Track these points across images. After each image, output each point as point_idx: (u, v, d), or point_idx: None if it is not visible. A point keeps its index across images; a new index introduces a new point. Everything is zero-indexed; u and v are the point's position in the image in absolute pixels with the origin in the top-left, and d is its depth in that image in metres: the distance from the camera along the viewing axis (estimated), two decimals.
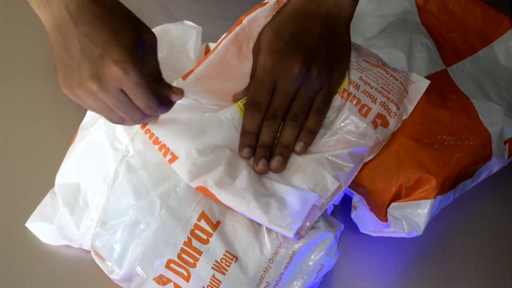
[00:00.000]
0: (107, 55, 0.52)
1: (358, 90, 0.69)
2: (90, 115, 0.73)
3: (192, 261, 0.64)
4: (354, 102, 0.68)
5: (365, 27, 0.78)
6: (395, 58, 0.76)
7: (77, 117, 0.74)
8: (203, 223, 0.64)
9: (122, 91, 0.54)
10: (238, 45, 0.72)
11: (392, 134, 0.70)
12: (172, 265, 0.64)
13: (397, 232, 0.70)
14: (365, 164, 0.70)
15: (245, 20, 0.72)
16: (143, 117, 0.58)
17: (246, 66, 0.71)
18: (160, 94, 0.57)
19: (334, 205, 0.74)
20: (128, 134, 0.67)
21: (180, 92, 0.59)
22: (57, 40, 0.54)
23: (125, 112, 0.57)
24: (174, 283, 0.64)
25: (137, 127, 0.66)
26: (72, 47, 0.53)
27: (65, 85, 0.55)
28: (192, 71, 0.69)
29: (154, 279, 0.65)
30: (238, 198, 0.63)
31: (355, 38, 0.76)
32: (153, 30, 0.69)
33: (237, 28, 0.72)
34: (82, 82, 0.53)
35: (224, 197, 0.63)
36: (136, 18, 0.56)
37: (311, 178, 0.65)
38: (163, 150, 0.65)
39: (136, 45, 0.54)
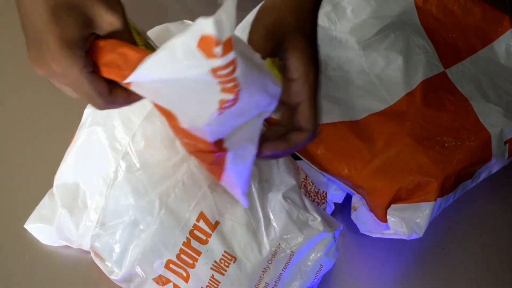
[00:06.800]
0: (47, 48, 0.47)
1: None
2: (87, 114, 0.73)
3: (191, 261, 0.64)
4: None
5: (362, 28, 0.77)
6: (393, 61, 0.75)
7: (76, 117, 0.74)
8: (202, 224, 0.64)
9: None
10: None
11: (393, 137, 0.70)
12: (171, 265, 0.64)
13: (397, 234, 0.70)
14: (364, 166, 0.70)
15: None
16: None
17: None
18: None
19: (334, 204, 0.74)
20: (128, 135, 0.67)
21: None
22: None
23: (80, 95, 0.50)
24: (174, 283, 0.64)
25: (136, 127, 0.66)
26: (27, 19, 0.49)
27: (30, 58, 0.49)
28: None
29: (153, 279, 0.65)
30: None
31: (353, 40, 0.76)
32: (153, 30, 0.69)
33: None
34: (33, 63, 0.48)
35: None
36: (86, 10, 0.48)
37: None
38: None
39: (83, 38, 0.48)
